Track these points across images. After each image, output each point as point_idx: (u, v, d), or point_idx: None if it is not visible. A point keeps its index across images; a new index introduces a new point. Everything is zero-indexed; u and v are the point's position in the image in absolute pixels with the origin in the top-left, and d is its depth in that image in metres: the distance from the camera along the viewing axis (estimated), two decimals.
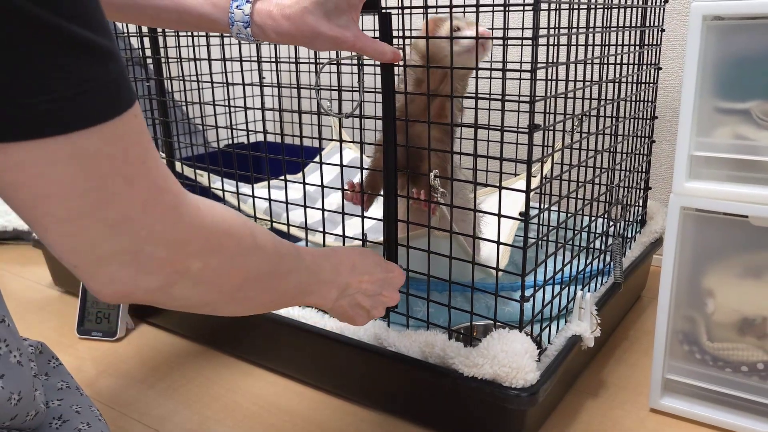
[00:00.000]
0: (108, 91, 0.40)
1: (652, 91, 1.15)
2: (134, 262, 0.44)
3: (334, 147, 1.49)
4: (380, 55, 0.71)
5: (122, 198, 0.42)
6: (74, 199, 0.40)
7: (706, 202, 0.82)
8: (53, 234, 0.41)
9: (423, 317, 0.85)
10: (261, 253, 0.56)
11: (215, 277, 0.50)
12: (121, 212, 0.42)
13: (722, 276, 0.87)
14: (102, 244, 0.42)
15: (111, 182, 0.41)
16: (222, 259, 0.51)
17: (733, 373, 0.86)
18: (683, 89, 0.80)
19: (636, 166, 1.12)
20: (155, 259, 0.45)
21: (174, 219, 0.46)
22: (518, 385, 0.73)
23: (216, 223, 0.50)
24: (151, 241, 0.44)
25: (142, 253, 0.44)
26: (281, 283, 0.60)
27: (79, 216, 0.41)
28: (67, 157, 0.39)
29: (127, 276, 0.44)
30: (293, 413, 0.92)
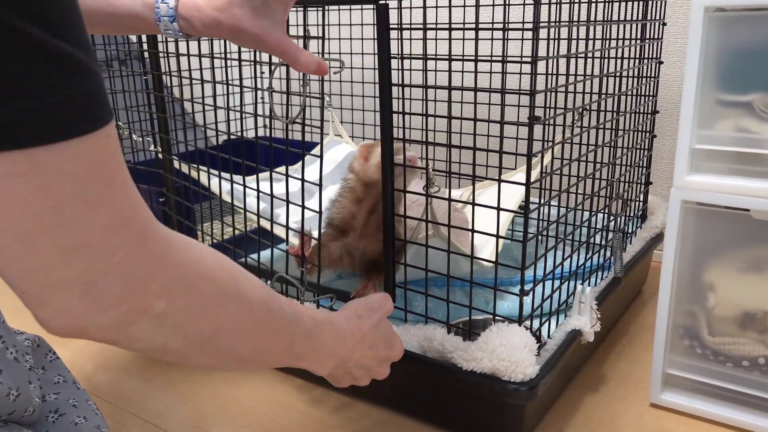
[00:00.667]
0: (79, 107, 0.37)
1: (653, 86, 1.14)
2: (87, 294, 0.40)
3: (331, 140, 1.49)
4: (302, 65, 0.69)
5: (80, 223, 0.38)
6: (26, 219, 0.37)
7: (707, 195, 0.81)
8: (1, 255, 0.38)
9: (422, 312, 0.85)
10: (243, 305, 0.51)
11: (183, 320, 0.46)
12: (78, 238, 0.38)
13: (723, 270, 0.86)
14: (53, 271, 0.39)
15: (69, 204, 0.38)
16: (191, 303, 0.46)
17: (734, 368, 0.86)
18: (685, 81, 0.80)
19: (637, 160, 1.11)
20: (110, 293, 0.41)
21: (137, 251, 0.41)
22: (517, 379, 0.72)
23: (189, 263, 0.46)
24: (108, 272, 0.40)
25: (95, 285, 0.40)
26: (266, 341, 0.55)
27: (31, 237, 0.37)
28: (25, 172, 0.36)
29: (78, 309, 0.40)
30: (292, 408, 0.91)
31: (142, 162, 1.10)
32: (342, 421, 0.88)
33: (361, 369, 0.68)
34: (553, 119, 0.73)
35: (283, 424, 0.88)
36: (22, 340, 0.67)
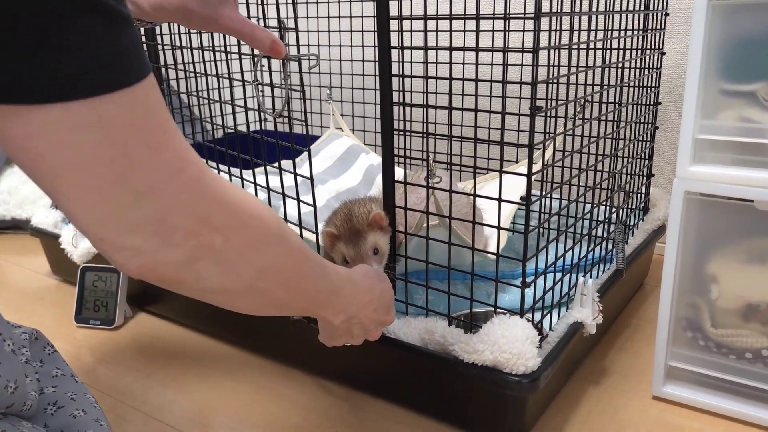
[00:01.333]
0: (128, 56, 0.39)
1: (656, 77, 1.13)
2: (159, 233, 0.43)
3: (332, 134, 1.48)
4: (257, 43, 0.68)
5: (146, 166, 0.41)
6: (99, 168, 0.39)
7: (710, 186, 0.81)
8: (78, 205, 0.40)
9: (423, 305, 0.84)
10: (286, 245, 0.54)
11: (237, 257, 0.49)
12: (146, 181, 0.41)
13: (726, 261, 0.86)
14: (127, 214, 0.41)
15: (135, 150, 0.40)
16: (246, 239, 0.49)
17: (737, 360, 0.85)
18: (688, 71, 0.79)
19: (639, 152, 1.10)
20: (180, 230, 0.44)
21: (198, 191, 0.45)
22: (519, 372, 0.72)
23: (241, 202, 0.49)
24: (176, 211, 0.44)
25: (166, 223, 0.43)
26: (301, 283, 0.58)
27: (105, 185, 0.40)
28: (91, 123, 0.38)
29: (152, 248, 0.43)
30: (293, 401, 0.91)
31: None
32: (344, 414, 0.88)
33: (360, 328, 0.71)
34: (554, 110, 0.73)
35: (283, 418, 0.88)
36: (19, 334, 0.67)
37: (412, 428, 0.84)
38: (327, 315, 0.66)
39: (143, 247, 0.43)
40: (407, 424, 0.85)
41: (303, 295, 0.60)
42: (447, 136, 0.71)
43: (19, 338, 0.66)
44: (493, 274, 0.76)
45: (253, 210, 0.50)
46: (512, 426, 0.78)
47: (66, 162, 0.38)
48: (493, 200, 0.71)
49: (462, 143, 1.17)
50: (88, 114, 0.38)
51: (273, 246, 0.53)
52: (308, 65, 0.80)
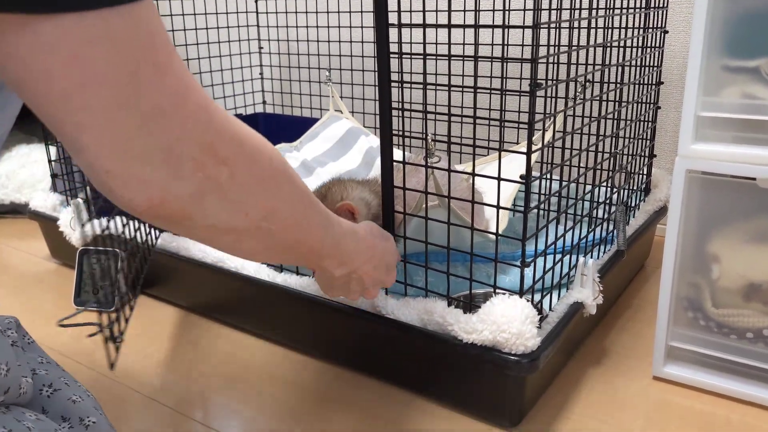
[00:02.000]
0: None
1: (658, 56, 1.11)
2: (167, 162, 0.42)
3: (331, 116, 1.47)
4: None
5: (154, 88, 0.40)
6: (109, 87, 0.38)
7: (712, 164, 0.80)
8: (87, 131, 0.39)
9: (423, 286, 0.84)
10: (293, 186, 0.54)
11: (244, 193, 0.48)
12: (154, 104, 0.40)
13: (728, 241, 0.85)
14: (135, 140, 0.40)
15: (143, 69, 0.39)
16: (252, 175, 0.48)
17: (738, 340, 0.85)
18: (690, 47, 0.78)
19: (641, 132, 1.09)
20: (188, 160, 0.43)
21: (205, 118, 0.44)
22: (518, 352, 0.72)
23: (247, 136, 0.48)
24: (183, 139, 0.43)
25: (174, 152, 0.42)
26: (307, 228, 0.57)
27: (113, 107, 0.39)
28: (101, 37, 0.37)
29: (160, 179, 0.42)
30: (293, 383, 0.91)
31: None
32: (343, 395, 0.88)
33: (359, 284, 0.71)
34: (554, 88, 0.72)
35: (284, 399, 0.88)
36: (3, 319, 0.66)
37: (410, 409, 0.84)
38: (328, 266, 0.66)
39: (151, 178, 0.42)
40: (406, 404, 0.85)
41: (307, 240, 0.59)
42: (446, 114, 0.70)
43: (3, 322, 0.65)
44: (493, 255, 0.75)
45: (260, 145, 0.50)
46: (511, 406, 0.78)
47: (76, 81, 0.37)
48: (493, 179, 0.70)
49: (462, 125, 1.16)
50: (98, 26, 0.36)
51: (280, 185, 0.52)
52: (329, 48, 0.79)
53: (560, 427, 0.80)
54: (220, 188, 0.46)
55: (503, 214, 0.91)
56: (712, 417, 0.82)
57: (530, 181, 0.67)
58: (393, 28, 0.72)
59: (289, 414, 0.85)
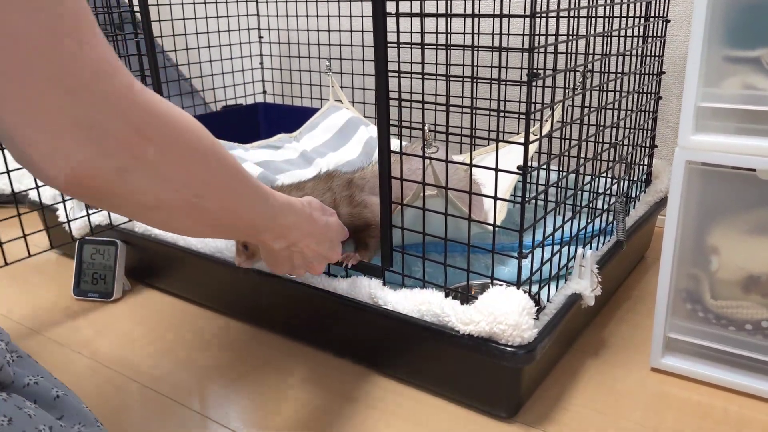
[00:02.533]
0: None
1: (660, 45, 1.11)
2: (91, 138, 0.43)
3: (331, 106, 1.47)
4: None
5: (79, 62, 0.41)
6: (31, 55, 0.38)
7: (712, 155, 0.79)
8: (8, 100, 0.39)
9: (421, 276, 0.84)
10: (224, 164, 0.54)
11: (172, 170, 0.49)
12: (78, 77, 0.41)
13: (727, 232, 0.84)
14: (59, 112, 0.41)
15: (67, 43, 0.40)
16: (180, 152, 0.49)
17: (737, 332, 0.85)
18: (691, 37, 0.77)
19: (641, 123, 1.08)
20: (112, 137, 0.44)
21: (130, 98, 0.45)
22: (515, 343, 0.72)
23: (174, 116, 0.49)
24: (107, 115, 0.43)
25: (99, 128, 0.43)
26: (239, 203, 0.58)
27: (37, 77, 0.39)
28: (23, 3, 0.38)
29: (83, 153, 0.43)
30: (289, 372, 0.91)
31: None
32: (338, 385, 0.88)
33: (302, 258, 0.72)
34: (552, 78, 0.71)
35: (280, 389, 0.88)
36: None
37: (407, 399, 0.85)
38: (267, 239, 0.66)
39: (75, 152, 0.42)
40: (403, 395, 0.85)
41: (241, 215, 0.59)
42: (444, 104, 0.70)
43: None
44: (487, 245, 0.75)
45: (186, 123, 0.50)
46: (508, 397, 0.78)
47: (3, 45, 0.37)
48: (490, 170, 0.69)
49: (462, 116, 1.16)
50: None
51: (208, 161, 0.52)
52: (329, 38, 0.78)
53: (557, 417, 0.80)
54: (147, 165, 0.47)
55: (502, 205, 0.91)
56: (710, 408, 0.82)
57: (527, 172, 0.67)
58: (391, 17, 0.72)
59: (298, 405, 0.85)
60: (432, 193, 0.80)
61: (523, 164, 0.67)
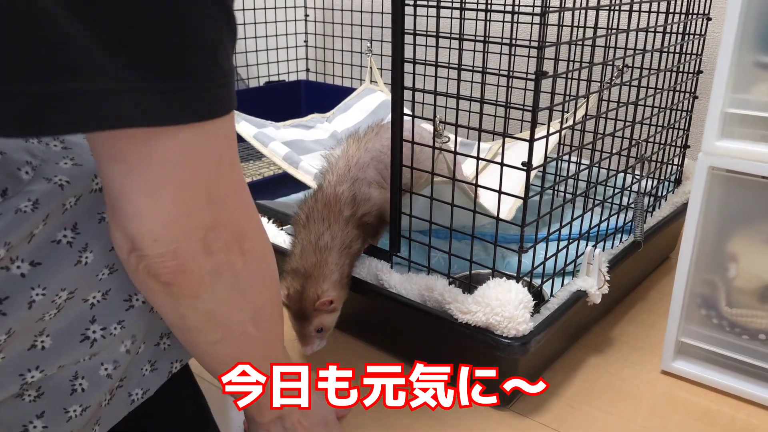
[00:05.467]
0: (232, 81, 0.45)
1: (699, 44, 1.07)
2: (204, 239, 0.47)
3: (366, 89, 1.48)
4: None
5: (226, 178, 0.47)
6: (198, 172, 0.44)
7: (737, 162, 0.78)
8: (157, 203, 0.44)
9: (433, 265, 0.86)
10: (277, 290, 0.58)
11: (249, 285, 0.53)
12: (221, 190, 0.46)
13: (748, 241, 0.83)
14: (193, 216, 0.45)
15: (222, 162, 0.46)
16: (260, 268, 0.53)
17: (750, 341, 0.83)
18: (722, 40, 0.75)
19: (674, 122, 1.06)
20: (219, 241, 0.48)
21: (247, 211, 0.50)
22: (510, 335, 0.73)
23: (265, 233, 0.55)
24: (226, 223, 0.48)
25: (213, 231, 0.47)
26: (270, 343, 0.60)
27: (190, 185, 0.44)
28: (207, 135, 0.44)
29: (192, 250, 0.47)
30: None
31: None
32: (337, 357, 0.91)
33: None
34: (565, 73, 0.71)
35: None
36: None
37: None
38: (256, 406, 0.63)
39: (185, 249, 0.46)
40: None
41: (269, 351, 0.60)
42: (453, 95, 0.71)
43: None
44: (503, 238, 0.76)
45: (269, 244, 0.55)
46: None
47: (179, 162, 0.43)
48: (496, 164, 0.70)
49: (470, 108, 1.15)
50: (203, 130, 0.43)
51: (273, 287, 0.57)
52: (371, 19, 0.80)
53: (553, 410, 0.81)
54: (234, 274, 0.50)
55: (513, 201, 0.91)
56: (717, 414, 0.82)
57: (531, 168, 0.68)
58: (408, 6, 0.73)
59: None
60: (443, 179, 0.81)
61: (527, 161, 0.67)
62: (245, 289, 0.52)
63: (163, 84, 0.40)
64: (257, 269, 0.53)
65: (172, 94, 0.40)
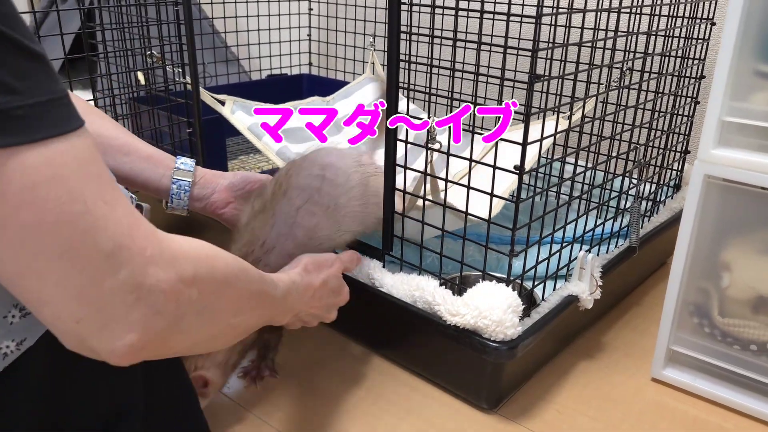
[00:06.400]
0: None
1: (702, 48, 1.06)
2: (141, 299, 0.40)
3: (367, 77, 1.48)
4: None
5: (109, 222, 0.39)
6: (65, 227, 0.37)
7: (733, 171, 0.77)
8: (47, 281, 0.38)
9: (427, 265, 0.85)
10: (247, 274, 0.54)
11: (212, 302, 0.48)
12: (113, 239, 0.39)
13: (742, 250, 0.82)
14: (103, 282, 0.38)
15: (95, 204, 0.38)
16: (216, 284, 0.48)
17: (741, 351, 0.83)
18: (721, 47, 0.75)
19: (674, 126, 1.05)
20: (158, 292, 0.41)
21: (159, 244, 0.42)
22: (498, 339, 0.73)
23: (196, 249, 0.47)
24: (149, 269, 0.41)
25: (144, 286, 0.40)
26: (266, 303, 0.58)
27: (72, 249, 0.37)
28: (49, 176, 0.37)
29: (139, 318, 0.40)
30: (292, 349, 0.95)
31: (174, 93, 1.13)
32: (334, 360, 0.91)
33: (309, 316, 0.72)
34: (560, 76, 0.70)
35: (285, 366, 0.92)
36: None
37: (393, 380, 0.87)
38: (279, 322, 0.66)
39: (130, 319, 0.40)
40: (390, 375, 0.88)
41: (266, 312, 0.59)
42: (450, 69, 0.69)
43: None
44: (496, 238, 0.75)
45: (211, 253, 0.49)
46: (490, 390, 0.80)
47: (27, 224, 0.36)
48: (489, 167, 0.70)
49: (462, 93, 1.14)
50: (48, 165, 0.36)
51: (239, 278, 0.52)
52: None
53: (540, 415, 0.81)
54: (194, 306, 0.45)
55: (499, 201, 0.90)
56: (705, 424, 0.82)
57: (524, 172, 0.67)
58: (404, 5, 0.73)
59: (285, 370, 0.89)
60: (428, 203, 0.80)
61: (520, 164, 0.67)
62: (212, 305, 0.48)
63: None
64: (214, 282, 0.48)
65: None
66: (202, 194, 0.84)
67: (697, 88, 1.09)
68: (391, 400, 0.83)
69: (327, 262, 0.72)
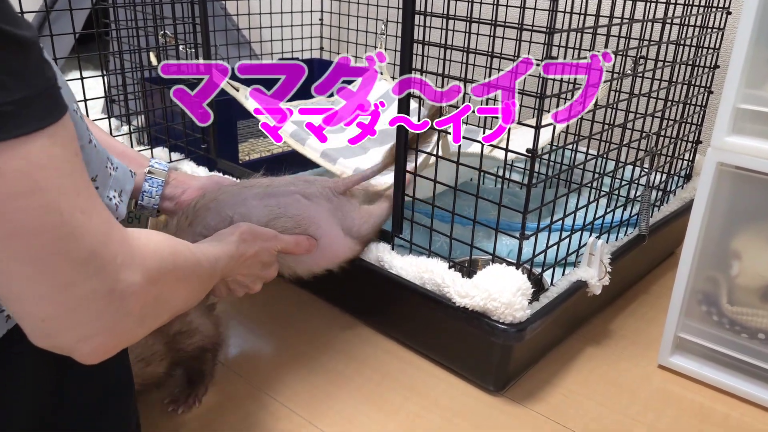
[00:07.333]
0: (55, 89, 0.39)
1: (717, 38, 1.05)
2: (112, 303, 0.42)
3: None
4: None
5: (85, 232, 0.39)
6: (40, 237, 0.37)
7: (747, 159, 0.77)
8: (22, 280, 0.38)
9: (436, 249, 0.86)
10: (200, 264, 0.56)
11: (171, 294, 0.50)
12: (87, 248, 0.39)
13: (753, 239, 0.82)
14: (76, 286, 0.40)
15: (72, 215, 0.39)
16: (176, 278, 0.50)
17: (749, 339, 0.83)
18: (737, 34, 0.74)
19: (687, 116, 1.05)
20: (130, 294, 0.43)
21: (129, 248, 0.43)
22: (506, 321, 0.73)
23: (159, 244, 0.49)
24: (122, 274, 0.42)
25: (116, 291, 0.42)
26: (210, 283, 0.61)
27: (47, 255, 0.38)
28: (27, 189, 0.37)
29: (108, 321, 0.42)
30: (299, 329, 0.96)
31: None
32: (332, 337, 0.92)
33: (235, 283, 0.72)
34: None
35: (292, 345, 0.92)
36: None
37: (400, 361, 0.88)
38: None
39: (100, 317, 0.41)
40: (400, 359, 0.89)
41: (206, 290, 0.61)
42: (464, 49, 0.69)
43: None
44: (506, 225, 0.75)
45: (171, 248, 0.50)
46: (497, 372, 0.80)
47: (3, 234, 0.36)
48: (501, 149, 0.70)
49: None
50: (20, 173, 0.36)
51: (193, 273, 0.54)
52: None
53: (546, 398, 0.82)
54: (155, 303, 0.46)
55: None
56: (711, 411, 0.82)
57: (536, 155, 0.67)
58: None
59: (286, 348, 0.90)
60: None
61: (532, 148, 0.67)
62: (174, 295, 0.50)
63: None
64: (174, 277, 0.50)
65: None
66: (174, 193, 0.84)
67: (710, 78, 1.08)
68: (398, 380, 0.84)
69: (264, 235, 0.73)
